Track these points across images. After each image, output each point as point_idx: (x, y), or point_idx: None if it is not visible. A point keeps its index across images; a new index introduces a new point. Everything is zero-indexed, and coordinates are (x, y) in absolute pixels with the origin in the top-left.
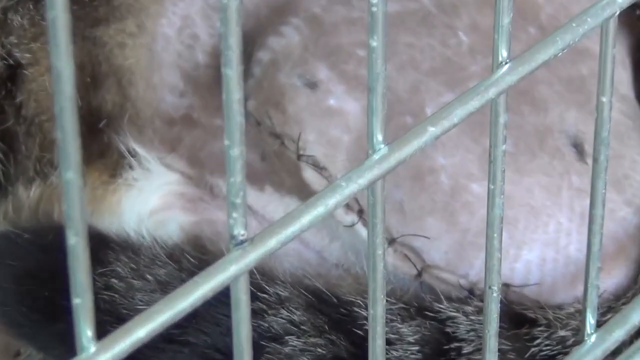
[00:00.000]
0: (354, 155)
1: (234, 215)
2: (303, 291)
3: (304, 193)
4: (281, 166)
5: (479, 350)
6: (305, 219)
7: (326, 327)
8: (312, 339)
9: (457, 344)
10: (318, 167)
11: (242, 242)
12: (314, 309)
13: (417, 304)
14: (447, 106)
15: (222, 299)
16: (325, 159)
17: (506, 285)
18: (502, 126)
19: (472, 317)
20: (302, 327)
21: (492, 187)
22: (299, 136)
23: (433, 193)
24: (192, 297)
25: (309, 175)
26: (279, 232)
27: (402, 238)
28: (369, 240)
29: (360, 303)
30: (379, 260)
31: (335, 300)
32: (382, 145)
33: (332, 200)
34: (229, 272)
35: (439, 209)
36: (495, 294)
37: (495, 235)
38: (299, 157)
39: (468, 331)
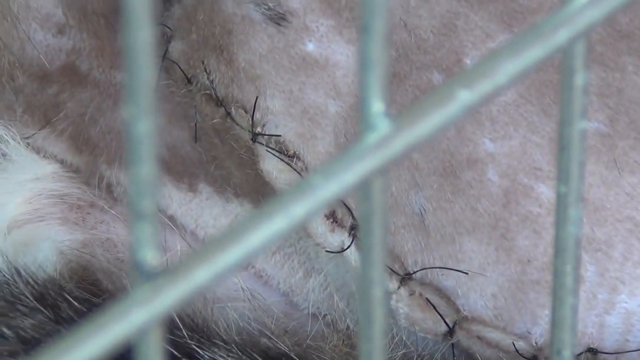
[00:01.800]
0: (347, 136)
1: (140, 229)
2: (259, 358)
3: (263, 196)
4: (225, 152)
5: None
6: (256, 238)
7: None
8: None
9: None
10: (286, 154)
11: (152, 273)
12: None
13: None
14: (491, 57)
15: None
16: (299, 140)
17: (592, 352)
18: (579, 91)
19: None
20: None
21: (564, 189)
22: (255, 102)
23: (475, 199)
24: None
25: (271, 167)
26: (213, 258)
27: (424, 273)
28: (361, 274)
29: None
30: (376, 306)
31: None
32: (383, 120)
33: (300, 208)
34: (131, 321)
35: (485, 226)
36: None
37: (567, 268)
38: (255, 136)
39: None
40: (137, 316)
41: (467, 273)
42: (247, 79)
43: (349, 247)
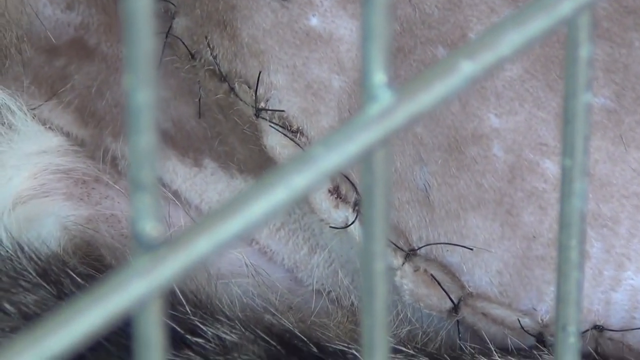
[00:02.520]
0: (351, 111)
1: (139, 200)
2: (262, 334)
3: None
4: (229, 128)
5: None
6: (257, 209)
7: None
8: None
9: None
10: (289, 130)
11: (152, 244)
12: None
13: (451, 357)
14: (494, 28)
15: (121, 340)
16: (302, 115)
17: (598, 329)
18: (584, 63)
19: None
20: None
21: (568, 163)
22: (258, 77)
23: (480, 175)
24: (65, 337)
25: (275, 142)
26: (214, 229)
27: (429, 249)
28: (363, 246)
29: (356, 355)
30: (379, 280)
31: (315, 349)
32: (386, 91)
33: (302, 179)
34: (130, 292)
35: (490, 202)
36: (573, 339)
37: (573, 242)
38: (259, 111)
39: None
40: (137, 287)
41: (472, 249)
42: (250, 54)
43: (352, 222)
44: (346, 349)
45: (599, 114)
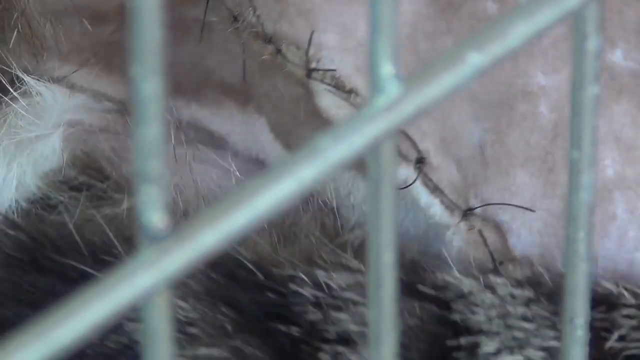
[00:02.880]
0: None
1: (146, 191)
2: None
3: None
4: (277, 88)
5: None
6: (264, 201)
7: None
8: (205, 350)
9: (471, 339)
10: (343, 90)
11: (159, 236)
12: (214, 299)
13: (407, 278)
14: (502, 20)
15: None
16: (357, 74)
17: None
18: (592, 55)
19: (504, 295)
20: (190, 329)
21: (576, 154)
22: (309, 38)
23: (528, 132)
24: (71, 329)
25: (329, 102)
26: (221, 221)
27: (484, 209)
28: (370, 239)
29: (304, 278)
30: (386, 272)
31: (261, 276)
32: (393, 83)
33: (309, 171)
34: (136, 284)
35: (536, 159)
36: (580, 332)
37: (580, 234)
38: (310, 72)
39: (491, 318)
40: (143, 279)
41: (534, 211)
42: (297, 13)
43: (414, 182)
44: (294, 274)
45: (626, 78)
